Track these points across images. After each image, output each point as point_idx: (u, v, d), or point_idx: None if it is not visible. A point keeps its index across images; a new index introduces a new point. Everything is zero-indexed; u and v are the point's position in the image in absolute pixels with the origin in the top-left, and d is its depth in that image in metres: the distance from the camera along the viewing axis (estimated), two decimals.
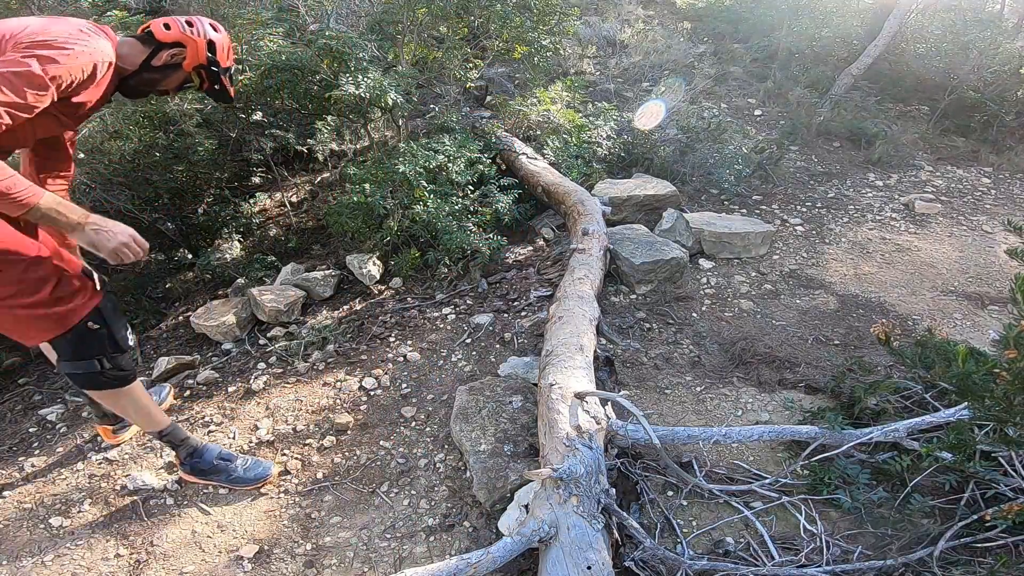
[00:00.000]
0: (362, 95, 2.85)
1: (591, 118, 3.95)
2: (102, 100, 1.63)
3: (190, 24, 1.77)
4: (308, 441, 2.04)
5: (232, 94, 1.89)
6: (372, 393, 2.24)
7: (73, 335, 1.57)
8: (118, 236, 1.47)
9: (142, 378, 1.94)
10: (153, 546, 1.69)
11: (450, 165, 2.96)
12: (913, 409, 1.95)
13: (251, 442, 2.04)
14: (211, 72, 1.80)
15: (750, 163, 3.97)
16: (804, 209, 3.76)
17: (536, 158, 3.58)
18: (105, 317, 1.60)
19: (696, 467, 1.86)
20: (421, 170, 2.85)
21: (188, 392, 2.30)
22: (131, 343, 1.73)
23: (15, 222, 1.49)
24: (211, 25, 1.80)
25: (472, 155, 3.08)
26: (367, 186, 2.88)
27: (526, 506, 1.61)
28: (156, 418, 1.79)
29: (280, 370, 2.38)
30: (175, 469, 1.93)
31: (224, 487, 1.87)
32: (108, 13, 2.71)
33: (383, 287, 2.91)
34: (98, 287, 1.60)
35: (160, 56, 1.72)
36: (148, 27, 1.71)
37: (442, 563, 1.35)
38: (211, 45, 1.77)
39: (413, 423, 2.10)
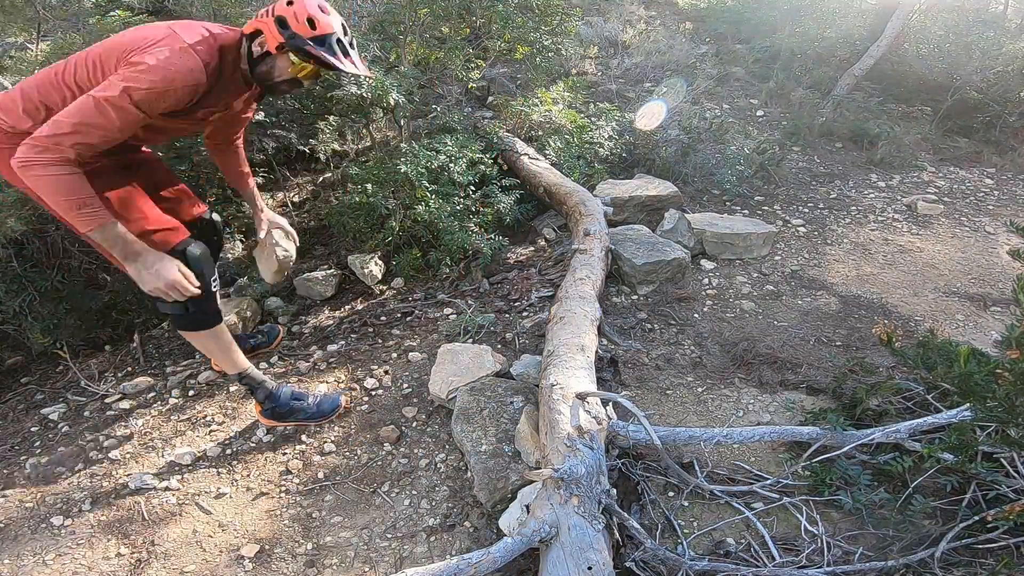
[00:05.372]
0: (364, 95, 2.85)
1: (593, 118, 3.95)
2: (232, 97, 1.78)
3: (267, 8, 1.69)
4: (309, 440, 2.04)
5: (345, 65, 1.69)
6: (373, 393, 2.24)
7: None
8: (157, 281, 1.66)
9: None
10: (154, 545, 1.70)
11: (452, 165, 2.96)
12: (915, 410, 1.95)
13: (252, 441, 2.04)
14: (299, 50, 1.66)
15: (752, 164, 3.97)
16: (806, 210, 3.76)
17: (538, 159, 3.58)
18: (191, 262, 1.75)
19: (697, 468, 1.86)
20: (423, 170, 2.85)
21: (191, 392, 2.30)
22: (215, 289, 1.86)
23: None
24: None
25: (474, 155, 3.08)
26: (369, 186, 2.88)
27: (527, 506, 1.61)
28: (236, 360, 1.96)
29: (282, 369, 2.38)
30: (177, 468, 1.93)
31: (304, 424, 2.06)
32: (111, 13, 2.71)
33: (385, 287, 2.91)
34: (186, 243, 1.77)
35: (253, 49, 1.71)
36: None
37: (443, 563, 1.36)
38: (280, 20, 1.65)
39: (414, 423, 2.10)
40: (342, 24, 1.72)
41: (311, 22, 1.65)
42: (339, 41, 1.69)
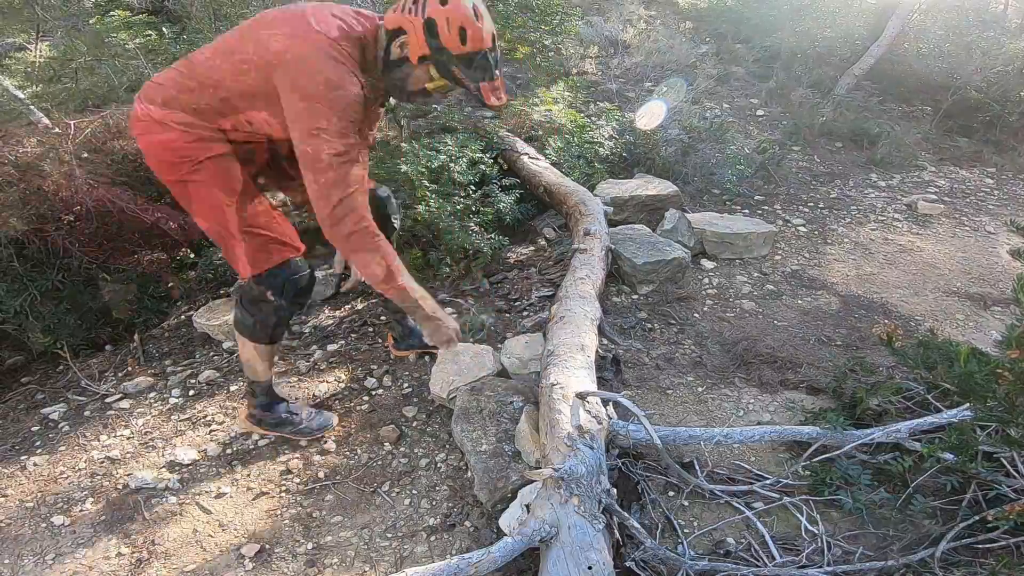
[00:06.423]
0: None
1: (593, 118, 3.95)
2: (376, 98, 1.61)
3: (415, 1, 1.40)
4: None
5: (489, 96, 1.45)
6: (373, 392, 2.24)
7: (248, 286, 1.73)
8: (439, 334, 1.80)
9: None
10: (154, 545, 1.70)
11: (452, 165, 2.95)
12: (915, 410, 1.95)
13: (252, 441, 2.04)
14: (439, 63, 1.41)
15: (752, 163, 3.97)
16: (806, 209, 3.76)
17: (538, 158, 3.57)
18: (285, 294, 1.73)
19: (697, 467, 1.86)
20: (423, 170, 2.84)
21: (191, 391, 2.30)
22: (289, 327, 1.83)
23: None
24: None
25: (474, 155, 3.08)
26: None
27: (527, 506, 1.61)
28: (260, 372, 1.90)
29: (282, 369, 2.38)
30: (177, 468, 1.94)
31: (291, 437, 2.00)
32: (111, 13, 2.72)
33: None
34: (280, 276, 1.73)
35: (392, 48, 1.46)
36: None
37: (443, 563, 1.36)
38: (429, 24, 1.38)
39: (415, 423, 2.10)
40: (493, 35, 1.46)
41: (462, 33, 1.40)
42: (486, 58, 1.44)
